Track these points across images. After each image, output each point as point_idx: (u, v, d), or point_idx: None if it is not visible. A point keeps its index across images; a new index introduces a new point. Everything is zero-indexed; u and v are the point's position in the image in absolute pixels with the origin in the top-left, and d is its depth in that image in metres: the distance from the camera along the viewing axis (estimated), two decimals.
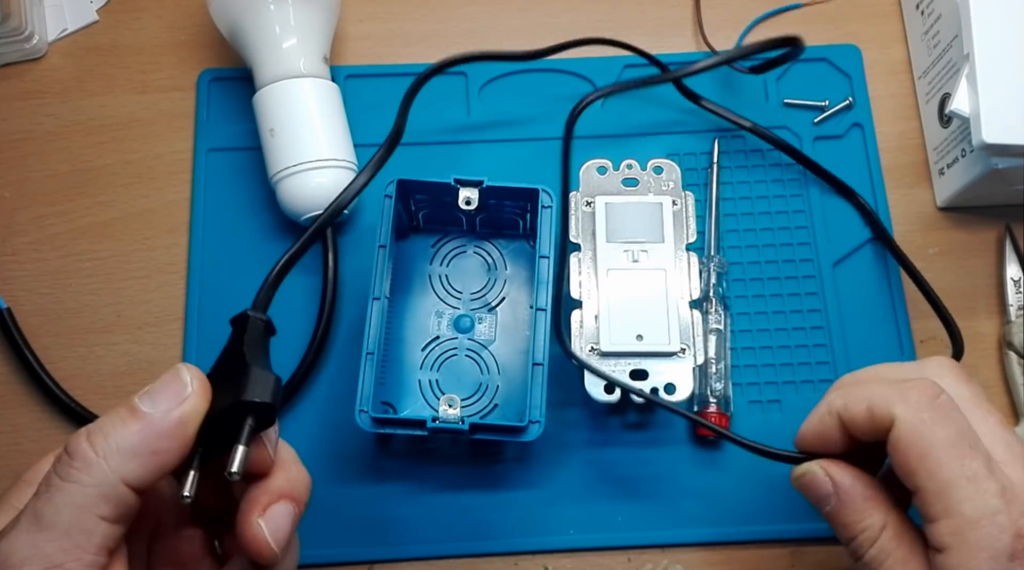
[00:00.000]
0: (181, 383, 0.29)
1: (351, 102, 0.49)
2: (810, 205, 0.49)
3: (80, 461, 0.27)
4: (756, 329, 0.47)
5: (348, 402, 0.44)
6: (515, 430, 0.40)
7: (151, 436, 0.27)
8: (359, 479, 0.44)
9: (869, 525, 0.32)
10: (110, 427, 0.28)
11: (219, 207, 0.49)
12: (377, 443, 0.44)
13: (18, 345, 0.46)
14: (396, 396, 0.44)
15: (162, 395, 0.28)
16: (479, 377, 0.45)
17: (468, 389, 0.44)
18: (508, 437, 0.40)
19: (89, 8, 0.53)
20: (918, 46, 0.51)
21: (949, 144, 0.48)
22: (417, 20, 0.53)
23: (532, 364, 0.40)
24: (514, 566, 0.43)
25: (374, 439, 0.44)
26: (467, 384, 0.44)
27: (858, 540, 0.32)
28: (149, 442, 0.27)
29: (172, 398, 0.28)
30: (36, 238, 0.49)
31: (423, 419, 0.39)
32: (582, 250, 0.43)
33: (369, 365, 0.40)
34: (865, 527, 0.32)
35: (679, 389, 0.41)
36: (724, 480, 0.44)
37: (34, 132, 0.51)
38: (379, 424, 0.40)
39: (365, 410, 0.40)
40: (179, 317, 0.47)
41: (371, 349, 0.41)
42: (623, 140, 0.50)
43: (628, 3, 0.54)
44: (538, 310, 0.41)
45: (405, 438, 0.44)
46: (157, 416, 0.28)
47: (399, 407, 0.44)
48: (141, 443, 0.27)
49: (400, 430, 0.40)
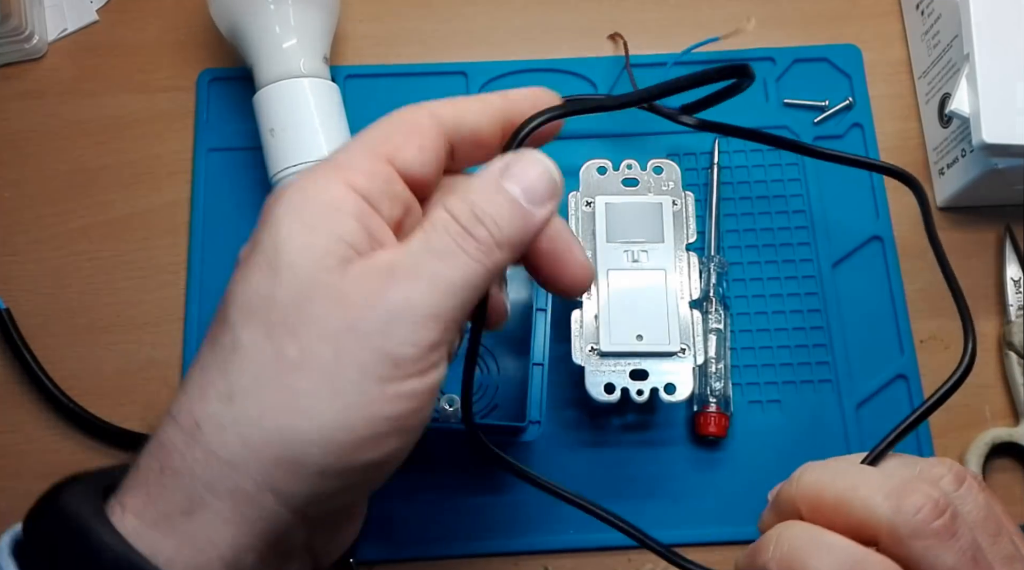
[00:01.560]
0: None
1: (351, 102, 0.49)
2: (810, 205, 0.49)
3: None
4: (756, 329, 0.47)
5: None
6: (515, 430, 0.40)
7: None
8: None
9: None
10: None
11: (219, 207, 0.49)
12: None
13: (17, 346, 0.46)
14: None
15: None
16: (479, 377, 0.45)
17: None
18: (508, 437, 0.40)
19: (89, 8, 0.53)
20: (918, 46, 0.51)
21: (949, 144, 0.48)
22: (417, 20, 0.53)
23: (532, 364, 0.40)
24: (514, 566, 0.43)
25: None
26: None
27: None
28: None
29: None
30: (36, 238, 0.49)
31: None
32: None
33: None
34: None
35: (679, 389, 0.41)
36: (724, 480, 0.44)
37: (34, 132, 0.51)
38: None
39: None
40: (179, 317, 0.47)
41: None
42: (623, 140, 0.50)
43: (628, 3, 0.54)
44: (538, 310, 0.41)
45: None
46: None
47: None
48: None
49: None
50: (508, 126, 0.29)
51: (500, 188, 0.27)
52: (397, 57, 0.53)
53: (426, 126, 0.28)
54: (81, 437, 0.45)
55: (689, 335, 0.42)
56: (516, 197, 0.27)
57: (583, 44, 0.53)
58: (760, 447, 0.45)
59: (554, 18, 0.54)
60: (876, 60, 0.52)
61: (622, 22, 0.53)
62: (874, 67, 0.52)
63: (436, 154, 0.28)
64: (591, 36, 0.53)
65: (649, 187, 0.45)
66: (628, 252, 0.43)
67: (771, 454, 0.44)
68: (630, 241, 0.43)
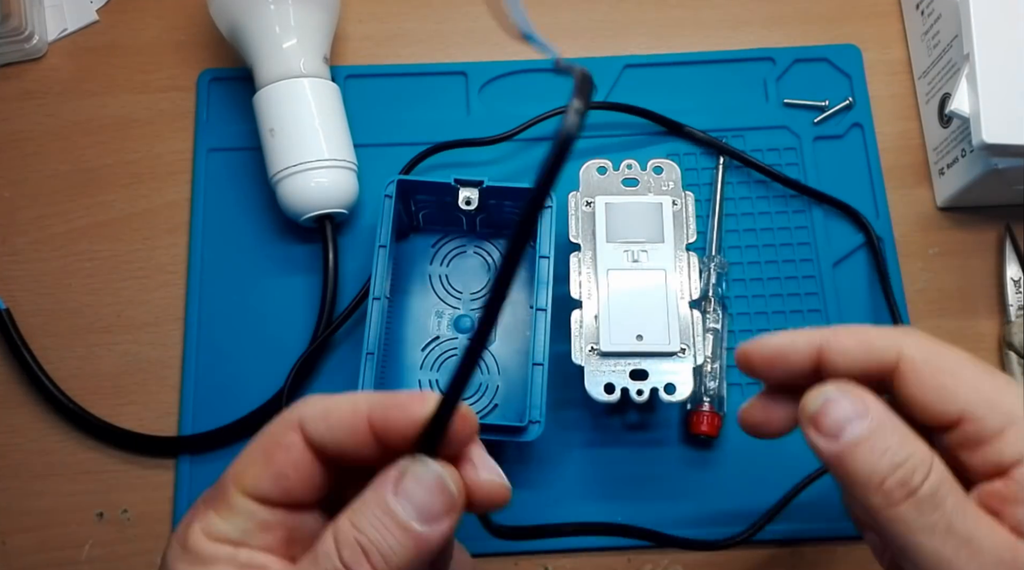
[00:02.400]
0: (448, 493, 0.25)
1: (351, 102, 0.49)
2: (810, 205, 0.49)
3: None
4: (756, 329, 0.47)
5: None
6: (515, 430, 0.40)
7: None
8: None
9: (919, 448, 0.26)
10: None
11: (219, 207, 0.49)
12: None
13: (17, 346, 0.46)
14: None
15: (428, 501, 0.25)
16: (479, 377, 0.45)
17: (468, 390, 0.44)
18: (508, 437, 0.40)
19: (89, 8, 0.53)
20: (918, 46, 0.51)
21: (949, 144, 0.48)
22: (417, 20, 0.53)
23: (532, 364, 0.40)
24: (514, 566, 0.43)
25: None
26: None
27: (907, 467, 0.25)
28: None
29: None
30: (36, 238, 0.49)
31: None
32: (582, 250, 0.43)
33: (369, 365, 0.40)
34: (914, 450, 0.25)
35: (679, 389, 0.41)
36: (724, 480, 0.44)
37: (34, 132, 0.51)
38: None
39: None
40: (179, 317, 0.47)
41: (371, 349, 0.41)
42: (623, 140, 0.50)
43: (628, 3, 0.54)
44: (538, 310, 0.41)
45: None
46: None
47: None
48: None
49: None
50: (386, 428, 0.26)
51: (389, 509, 0.24)
52: (397, 57, 0.53)
53: (291, 445, 0.26)
54: (81, 437, 0.45)
55: (689, 335, 0.42)
56: (406, 521, 0.24)
57: (583, 44, 0.53)
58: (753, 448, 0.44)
59: (554, 18, 0.54)
60: (876, 60, 0.52)
61: (622, 22, 0.53)
62: (874, 67, 0.52)
63: (302, 474, 0.26)
64: (591, 36, 0.53)
65: (649, 187, 0.45)
66: (628, 252, 0.43)
67: (764, 455, 0.44)
68: (630, 241, 0.43)
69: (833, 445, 0.26)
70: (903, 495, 0.25)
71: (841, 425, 0.26)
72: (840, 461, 0.26)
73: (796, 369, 0.29)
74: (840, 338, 0.28)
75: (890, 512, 0.25)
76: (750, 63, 0.52)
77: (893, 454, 0.25)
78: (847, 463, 0.26)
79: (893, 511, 0.25)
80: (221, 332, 0.47)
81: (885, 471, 0.25)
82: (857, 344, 0.28)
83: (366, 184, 0.48)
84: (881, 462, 0.25)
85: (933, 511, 0.25)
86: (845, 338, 0.28)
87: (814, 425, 0.27)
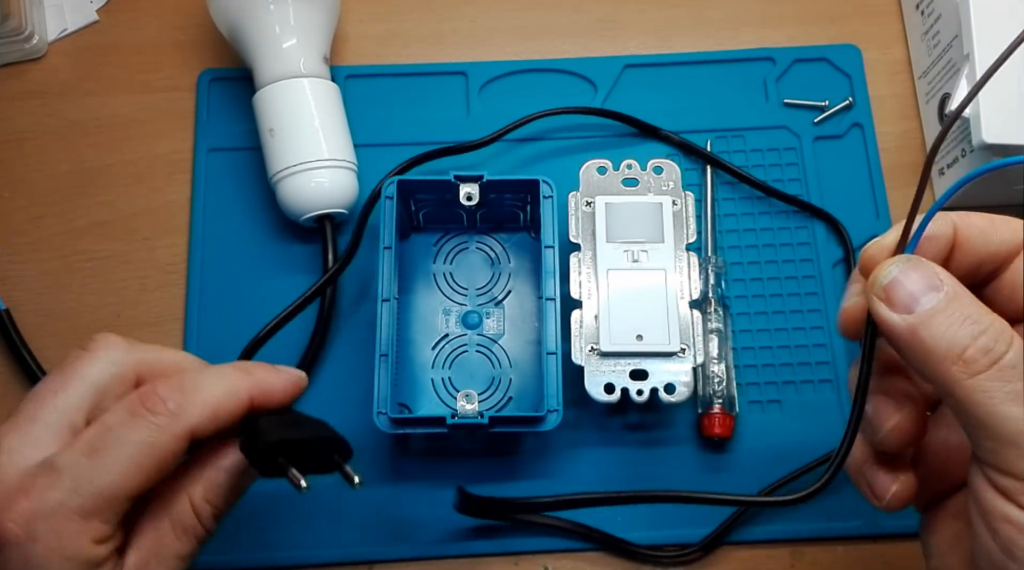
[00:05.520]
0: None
1: (351, 102, 0.49)
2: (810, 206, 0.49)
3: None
4: (756, 329, 0.47)
5: (350, 402, 0.44)
6: (534, 420, 0.40)
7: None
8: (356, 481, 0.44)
9: (995, 319, 0.24)
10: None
11: (219, 207, 0.49)
12: (375, 445, 0.44)
13: (17, 346, 0.46)
14: (410, 396, 0.44)
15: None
16: (491, 372, 0.45)
17: (481, 384, 0.44)
18: (527, 428, 0.40)
19: (89, 8, 0.53)
20: (918, 46, 0.51)
21: (949, 144, 0.48)
22: (417, 20, 0.53)
23: (546, 353, 0.40)
24: (514, 566, 0.43)
25: (373, 441, 0.44)
26: (480, 379, 0.44)
27: (989, 334, 0.24)
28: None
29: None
30: (36, 238, 0.49)
31: (442, 416, 0.39)
32: (582, 250, 0.43)
33: (384, 367, 0.40)
34: (994, 319, 0.24)
35: (679, 389, 0.41)
36: (724, 480, 0.44)
37: (34, 132, 0.51)
38: (398, 425, 0.40)
39: (384, 412, 0.40)
40: (179, 317, 0.47)
41: (384, 351, 0.41)
42: (623, 140, 0.50)
43: (628, 3, 0.54)
44: (547, 300, 0.41)
45: (403, 440, 0.44)
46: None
47: (414, 407, 0.44)
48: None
49: (419, 429, 0.40)
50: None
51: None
52: (397, 57, 0.53)
53: (176, 455, 0.31)
54: None
55: (689, 335, 0.42)
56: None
57: (583, 44, 0.53)
58: (761, 447, 0.45)
59: (554, 18, 0.54)
60: (876, 60, 0.52)
61: (622, 22, 0.53)
62: (874, 67, 0.52)
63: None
64: (591, 36, 0.53)
65: (649, 187, 0.45)
66: (628, 252, 0.43)
67: (771, 454, 0.44)
68: (630, 241, 0.43)
69: (908, 318, 0.25)
70: (987, 363, 0.24)
71: (916, 296, 0.25)
72: (915, 333, 0.25)
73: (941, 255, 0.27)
74: (971, 218, 0.27)
75: (972, 382, 0.24)
76: (750, 63, 0.52)
77: (973, 322, 0.24)
78: (923, 335, 0.25)
79: (975, 381, 0.24)
80: (221, 332, 0.47)
81: (966, 340, 0.24)
82: (987, 221, 0.27)
83: (366, 184, 0.48)
84: (961, 331, 0.24)
85: (1019, 378, 0.23)
86: (976, 219, 0.27)
87: (886, 299, 0.26)
